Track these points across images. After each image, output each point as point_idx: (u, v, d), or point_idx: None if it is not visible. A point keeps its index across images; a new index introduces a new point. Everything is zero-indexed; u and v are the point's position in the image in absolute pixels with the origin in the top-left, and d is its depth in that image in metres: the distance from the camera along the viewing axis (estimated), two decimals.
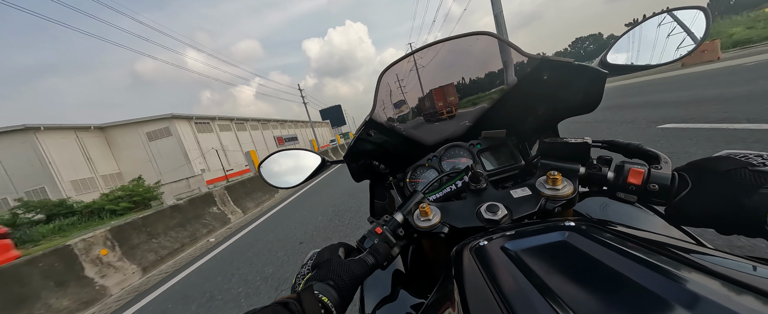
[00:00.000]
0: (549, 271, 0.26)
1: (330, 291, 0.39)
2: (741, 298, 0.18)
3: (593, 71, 0.53)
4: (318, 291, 0.38)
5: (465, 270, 0.33)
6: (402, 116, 0.79)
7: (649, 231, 0.34)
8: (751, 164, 0.38)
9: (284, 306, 0.34)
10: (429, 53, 0.66)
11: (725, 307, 0.18)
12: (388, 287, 0.66)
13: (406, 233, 0.52)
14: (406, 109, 0.78)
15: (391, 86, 0.70)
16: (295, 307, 0.34)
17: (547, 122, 0.73)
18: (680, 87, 7.27)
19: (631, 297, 0.21)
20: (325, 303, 0.37)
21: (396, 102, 0.75)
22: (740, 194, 0.36)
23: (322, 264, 0.46)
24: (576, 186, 0.47)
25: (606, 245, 0.28)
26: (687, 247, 0.27)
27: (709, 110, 4.09)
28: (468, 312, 0.26)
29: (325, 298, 0.38)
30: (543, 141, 0.56)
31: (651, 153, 0.48)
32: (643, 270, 0.23)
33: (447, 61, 0.68)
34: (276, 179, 0.80)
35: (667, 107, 5.10)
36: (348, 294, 0.41)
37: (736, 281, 0.20)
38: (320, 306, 0.36)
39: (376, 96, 0.65)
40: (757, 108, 3.65)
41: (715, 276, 0.21)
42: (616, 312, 0.20)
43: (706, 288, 0.20)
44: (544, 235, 0.33)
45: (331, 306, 0.37)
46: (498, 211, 0.46)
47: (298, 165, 0.80)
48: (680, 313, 0.18)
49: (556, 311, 0.21)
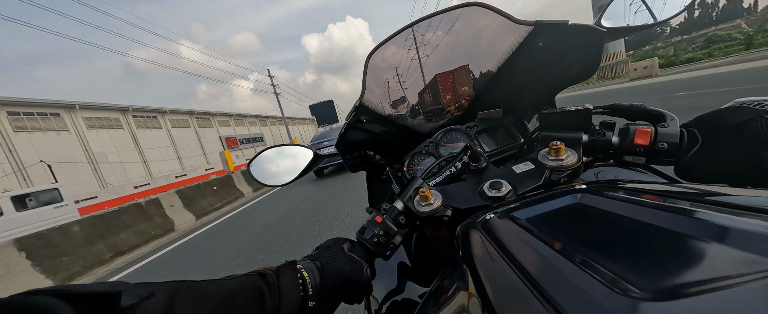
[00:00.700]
0: (567, 233, 0.24)
1: (313, 272, 0.39)
2: (759, 221, 0.18)
3: (591, 30, 0.50)
4: (301, 266, 0.38)
5: (474, 247, 0.30)
6: (394, 101, 0.76)
7: (658, 183, 0.31)
8: (766, 112, 0.36)
9: (261, 277, 0.34)
10: (419, 32, 0.63)
11: (751, 232, 0.17)
12: (395, 280, 0.63)
13: (407, 220, 0.50)
14: (398, 93, 0.75)
15: (382, 69, 0.67)
16: (272, 279, 0.35)
17: (544, 96, 0.71)
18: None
19: (659, 242, 0.19)
20: (305, 278, 0.37)
21: (387, 87, 0.72)
22: (758, 147, 0.34)
23: (323, 247, 0.45)
24: (580, 154, 0.44)
25: (622, 200, 0.26)
26: (702, 190, 0.26)
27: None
28: (483, 289, 0.23)
29: (305, 273, 0.37)
30: (542, 113, 0.54)
31: (656, 112, 0.46)
32: (664, 215, 0.21)
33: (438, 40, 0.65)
34: (267, 177, 0.77)
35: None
36: (330, 282, 0.39)
37: (756, 208, 0.20)
38: (300, 281, 0.36)
39: (365, 80, 0.62)
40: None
41: (735, 208, 0.21)
42: (646, 259, 0.18)
43: (729, 219, 0.19)
44: (555, 200, 0.30)
45: (309, 283, 0.37)
46: (501, 187, 0.44)
47: (289, 161, 0.77)
48: (710, 248, 0.17)
49: (583, 270, 0.18)
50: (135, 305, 0.22)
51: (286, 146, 0.80)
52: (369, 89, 0.64)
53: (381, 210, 0.51)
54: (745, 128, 0.35)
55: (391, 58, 0.67)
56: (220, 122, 28.72)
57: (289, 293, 0.34)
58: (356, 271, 0.41)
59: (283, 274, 0.36)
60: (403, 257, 0.69)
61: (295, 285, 0.35)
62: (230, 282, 0.32)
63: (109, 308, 0.21)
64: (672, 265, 0.17)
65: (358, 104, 0.63)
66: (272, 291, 0.33)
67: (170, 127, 23.01)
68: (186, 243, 4.75)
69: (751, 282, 0.14)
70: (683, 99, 6.03)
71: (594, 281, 0.17)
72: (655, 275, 0.17)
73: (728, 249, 0.17)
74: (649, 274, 0.17)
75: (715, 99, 5.04)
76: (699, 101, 5.40)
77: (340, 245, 0.45)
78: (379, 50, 0.62)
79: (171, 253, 4.40)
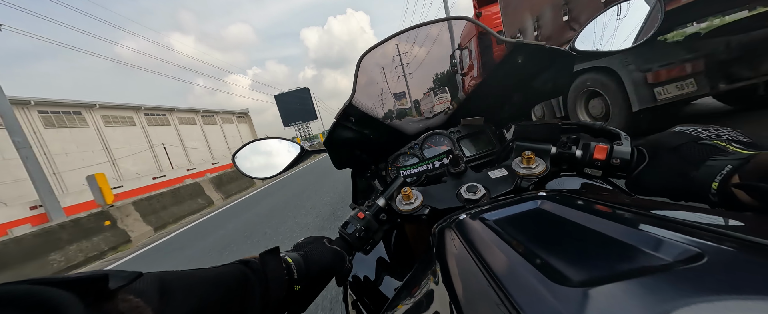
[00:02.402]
0: (526, 235, 0.28)
1: (297, 258, 0.40)
2: (667, 231, 0.22)
3: (563, 53, 0.55)
4: (285, 254, 0.39)
5: (446, 244, 0.34)
6: (383, 104, 0.79)
7: (611, 196, 0.36)
8: (699, 138, 0.42)
9: (245, 264, 0.35)
10: (408, 40, 0.66)
11: (678, 243, 0.21)
12: (373, 273, 0.66)
13: (388, 217, 0.53)
14: (387, 96, 0.78)
15: (373, 72, 0.70)
16: (256, 266, 0.35)
17: (522, 108, 0.76)
18: None
19: (603, 249, 0.23)
20: (289, 263, 0.38)
21: (376, 89, 0.75)
22: (689, 166, 0.40)
23: (303, 242, 0.47)
24: (547, 165, 0.49)
25: (576, 208, 0.30)
26: (638, 203, 0.30)
27: None
28: (451, 281, 0.27)
29: (289, 259, 0.38)
30: (518, 124, 0.59)
31: (613, 132, 0.52)
32: (609, 224, 0.25)
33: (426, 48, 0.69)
34: (252, 170, 0.77)
35: None
36: (314, 268, 0.41)
37: (688, 223, 0.24)
38: (284, 267, 0.37)
39: (356, 81, 0.64)
40: None
41: (669, 222, 0.25)
42: (590, 264, 0.22)
43: (662, 232, 0.22)
44: (519, 205, 0.35)
45: (294, 268, 0.38)
46: (477, 191, 0.48)
47: (275, 155, 0.78)
48: (644, 256, 0.21)
49: (533, 267, 0.22)
50: (124, 287, 0.22)
51: (273, 140, 0.80)
52: (359, 90, 0.66)
53: (364, 207, 0.53)
54: (681, 150, 0.42)
55: (382, 62, 0.70)
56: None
57: (275, 277, 0.35)
58: (338, 261, 0.44)
59: (268, 260, 0.37)
60: (382, 252, 0.72)
61: (279, 270, 0.36)
62: (215, 269, 0.33)
63: (99, 292, 0.21)
64: (601, 262, 0.21)
65: (347, 104, 0.65)
66: (258, 276, 0.34)
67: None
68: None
69: (650, 275, 0.18)
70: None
71: (540, 274, 0.21)
72: (587, 268, 0.21)
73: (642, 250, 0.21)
74: (583, 268, 0.21)
75: None
76: None
77: (321, 240, 0.47)
78: (371, 53, 0.64)
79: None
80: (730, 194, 0.32)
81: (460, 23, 0.64)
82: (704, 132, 0.43)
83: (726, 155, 0.36)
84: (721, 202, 0.34)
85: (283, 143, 0.79)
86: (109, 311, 0.20)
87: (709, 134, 0.42)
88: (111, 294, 0.21)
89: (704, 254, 0.18)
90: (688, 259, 0.18)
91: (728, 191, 0.32)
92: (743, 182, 0.31)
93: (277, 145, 0.79)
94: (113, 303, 0.21)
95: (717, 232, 0.20)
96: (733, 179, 0.32)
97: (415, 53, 0.71)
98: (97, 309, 0.19)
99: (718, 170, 0.34)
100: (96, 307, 0.19)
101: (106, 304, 0.20)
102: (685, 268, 0.18)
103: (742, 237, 0.20)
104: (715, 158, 0.37)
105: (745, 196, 0.30)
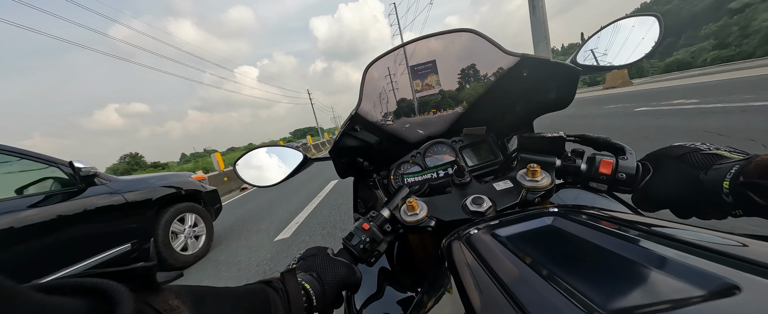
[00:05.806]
0: (541, 253, 0.28)
1: (313, 282, 0.39)
2: (697, 258, 0.22)
3: (568, 68, 0.56)
4: (301, 278, 0.39)
5: (458, 260, 0.33)
6: (387, 113, 0.79)
7: (619, 213, 0.36)
8: (699, 150, 0.43)
9: (268, 284, 0.35)
10: (416, 49, 0.66)
11: (687, 265, 0.21)
12: (375, 284, 0.65)
13: (392, 228, 0.52)
14: (392, 105, 0.78)
15: (378, 81, 0.70)
16: (279, 286, 0.35)
17: (524, 119, 0.77)
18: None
19: (627, 275, 0.23)
20: (307, 289, 0.37)
21: (382, 98, 0.75)
22: (696, 172, 0.41)
23: (308, 257, 0.45)
24: (553, 178, 0.49)
25: (588, 226, 0.30)
26: (651, 222, 0.31)
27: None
28: (467, 298, 0.26)
29: (306, 284, 0.38)
30: (522, 136, 0.59)
31: (617, 145, 0.52)
32: (630, 247, 0.25)
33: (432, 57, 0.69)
34: (254, 177, 0.77)
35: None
36: (330, 289, 0.40)
37: (696, 245, 0.24)
38: (303, 292, 0.36)
39: (362, 90, 0.65)
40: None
41: (678, 242, 0.25)
42: (608, 283, 0.22)
43: (691, 259, 0.22)
44: (531, 221, 0.34)
45: (313, 294, 0.37)
46: (483, 203, 0.48)
47: (278, 163, 0.77)
48: (675, 285, 0.20)
49: (554, 289, 0.22)
50: (166, 283, 0.23)
51: (274, 147, 0.80)
52: (365, 99, 0.66)
53: (368, 217, 0.53)
54: (686, 158, 0.44)
55: (387, 72, 0.70)
56: None
57: (295, 299, 0.35)
58: (350, 274, 0.43)
59: (288, 280, 0.36)
60: (383, 262, 0.71)
61: (298, 294, 0.36)
62: (240, 288, 0.33)
63: (149, 284, 0.21)
64: (622, 286, 0.21)
65: (353, 113, 0.65)
66: (281, 297, 0.34)
67: None
68: None
69: (685, 308, 0.18)
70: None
71: (561, 296, 0.21)
72: (615, 296, 0.20)
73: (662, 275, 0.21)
74: (611, 296, 0.21)
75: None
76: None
77: (324, 252, 0.46)
78: (377, 63, 0.65)
79: None
80: (742, 192, 0.33)
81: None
82: (702, 146, 0.44)
83: (729, 160, 0.38)
84: (735, 200, 0.35)
85: (286, 151, 0.78)
86: (155, 304, 0.21)
87: (707, 146, 0.44)
88: (157, 288, 0.22)
89: (740, 287, 0.18)
90: (723, 292, 0.18)
91: (740, 189, 0.33)
92: (747, 180, 0.32)
93: (280, 153, 0.78)
94: (159, 298, 0.21)
95: (750, 261, 0.20)
96: (739, 179, 0.33)
97: (420, 64, 0.71)
98: (144, 299, 0.20)
99: (726, 171, 0.36)
100: (143, 298, 0.20)
101: (152, 297, 0.21)
102: (721, 302, 0.17)
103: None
104: (720, 163, 0.39)
105: (754, 195, 0.32)
